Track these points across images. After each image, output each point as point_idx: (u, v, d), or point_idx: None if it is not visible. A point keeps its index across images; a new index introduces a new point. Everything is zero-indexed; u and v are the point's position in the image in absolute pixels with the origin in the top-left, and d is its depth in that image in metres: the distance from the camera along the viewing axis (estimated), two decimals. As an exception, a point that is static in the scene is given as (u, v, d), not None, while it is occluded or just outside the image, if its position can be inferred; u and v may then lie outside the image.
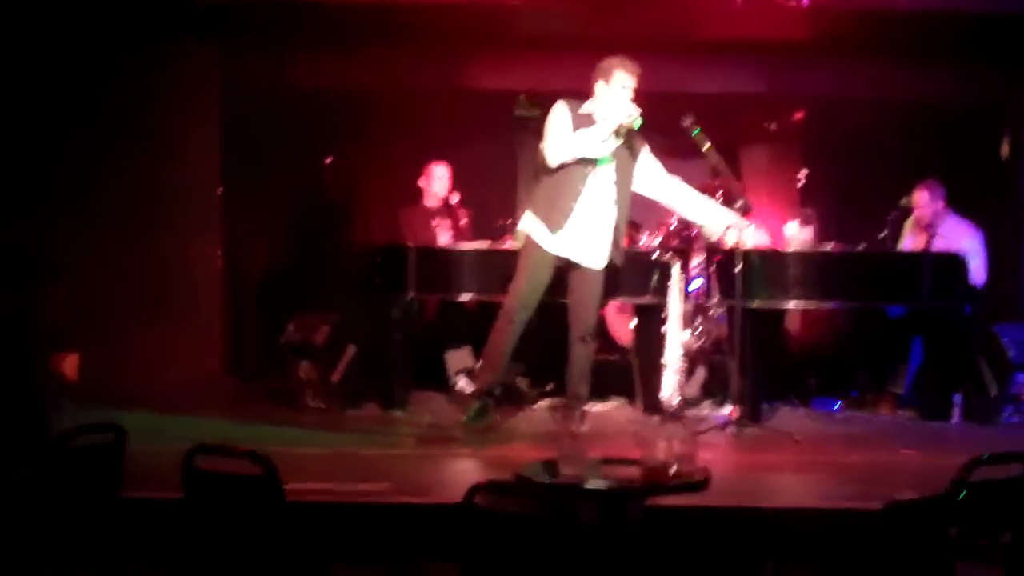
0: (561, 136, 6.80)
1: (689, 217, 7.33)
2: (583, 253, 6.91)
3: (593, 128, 6.76)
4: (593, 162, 6.86)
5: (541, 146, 6.94)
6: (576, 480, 4.12)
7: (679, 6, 8.25)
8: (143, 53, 9.22)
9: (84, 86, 9.19)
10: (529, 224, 6.96)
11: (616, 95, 6.79)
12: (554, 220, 6.82)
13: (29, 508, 4.02)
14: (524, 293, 6.91)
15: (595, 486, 4.10)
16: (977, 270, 7.96)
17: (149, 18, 8.77)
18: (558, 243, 6.86)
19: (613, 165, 6.92)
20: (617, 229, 7.00)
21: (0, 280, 8.32)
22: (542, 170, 6.94)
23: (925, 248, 8.17)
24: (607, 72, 6.84)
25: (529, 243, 6.93)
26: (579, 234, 6.86)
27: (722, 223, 7.12)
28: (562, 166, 6.78)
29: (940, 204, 8.18)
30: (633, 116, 6.66)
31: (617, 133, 6.79)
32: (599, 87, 6.88)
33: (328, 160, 9.95)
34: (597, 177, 6.88)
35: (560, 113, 6.88)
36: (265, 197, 9.96)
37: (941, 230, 8.18)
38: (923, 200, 8.16)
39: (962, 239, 8.09)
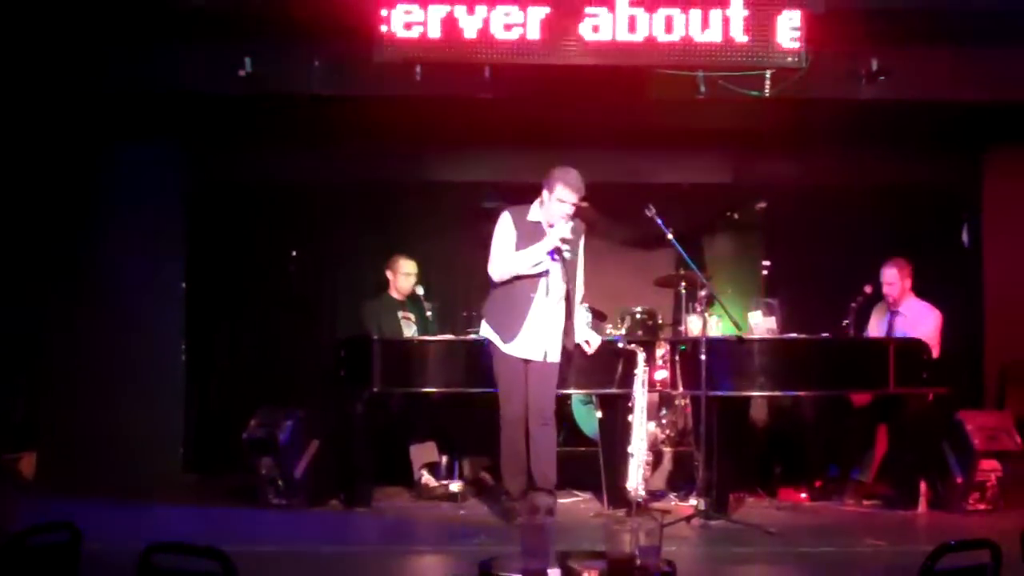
0: (502, 253, 7.11)
1: None
2: (539, 351, 7.13)
3: (529, 251, 7.05)
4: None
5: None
6: (541, 574, 4.06)
7: (642, 98, 8.33)
8: (109, 147, 9.25)
9: (46, 181, 9.20)
10: (487, 332, 7.25)
11: (555, 208, 7.03)
12: (507, 331, 7.12)
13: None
14: (507, 396, 7.14)
15: (559, 580, 4.03)
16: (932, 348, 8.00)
17: (115, 112, 8.79)
18: (514, 348, 7.11)
19: (560, 264, 7.14)
20: (569, 319, 7.21)
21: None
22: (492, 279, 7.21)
23: (888, 328, 8.20)
24: (551, 183, 7.07)
25: (493, 349, 7.18)
26: (533, 336, 7.10)
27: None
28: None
29: (908, 282, 8.23)
30: (556, 240, 6.95)
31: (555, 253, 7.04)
32: (544, 194, 7.12)
33: (294, 253, 9.92)
34: (550, 281, 7.12)
35: (504, 226, 7.18)
36: (230, 291, 9.92)
37: (903, 308, 8.23)
38: (891, 276, 8.21)
39: (923, 317, 8.15)
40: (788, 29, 7.70)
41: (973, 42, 8.19)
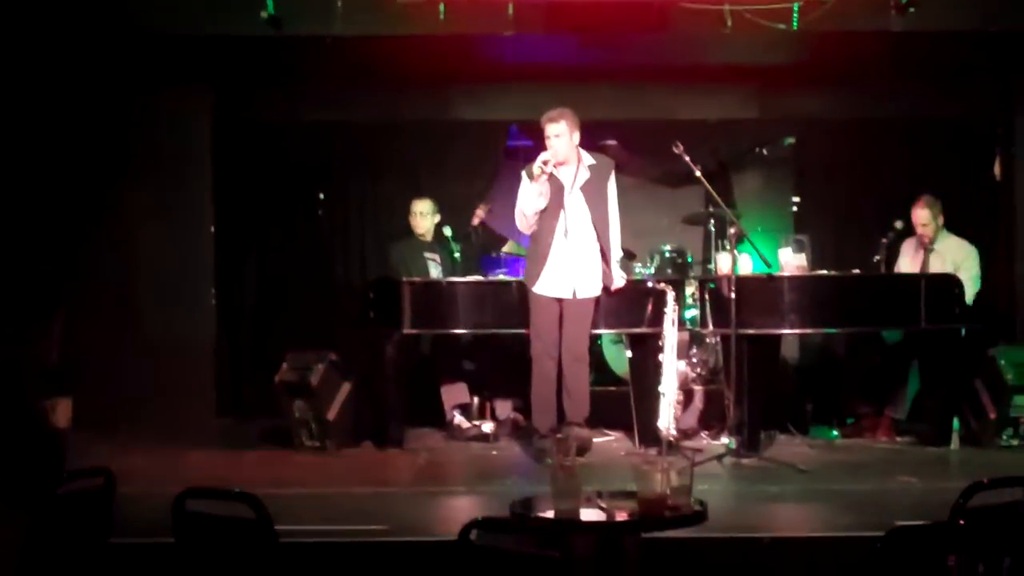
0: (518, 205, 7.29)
1: None
2: (566, 289, 7.21)
3: (523, 188, 7.16)
4: (559, 207, 7.15)
5: None
6: (572, 514, 4.07)
7: (668, 32, 8.23)
8: (136, 92, 9.23)
9: (77, 126, 9.20)
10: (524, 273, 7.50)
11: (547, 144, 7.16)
12: (532, 273, 7.28)
13: (21, 557, 3.95)
14: (536, 334, 7.28)
15: (591, 520, 4.04)
16: (969, 284, 7.93)
17: (141, 56, 8.76)
18: (540, 288, 7.22)
19: (582, 202, 7.22)
20: (603, 255, 7.27)
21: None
22: None
23: (922, 266, 8.14)
24: None
25: (527, 289, 7.31)
26: (557, 275, 7.19)
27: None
28: (534, 225, 7.22)
29: (940, 219, 8.16)
30: (537, 166, 7.01)
31: (544, 180, 7.10)
32: None
33: (321, 196, 9.91)
34: (569, 220, 7.18)
35: (523, 183, 7.23)
36: (259, 234, 9.92)
37: (937, 245, 8.16)
38: (925, 217, 8.12)
39: (958, 254, 8.09)
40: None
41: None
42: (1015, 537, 3.76)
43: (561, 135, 7.10)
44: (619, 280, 7.37)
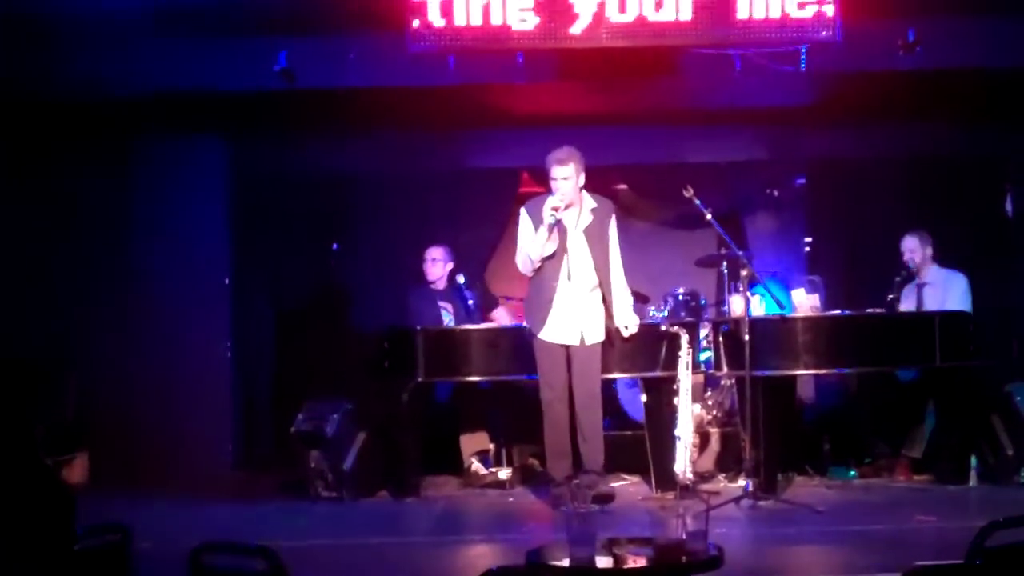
0: (520, 245, 7.27)
1: None
2: (574, 335, 7.19)
3: (531, 233, 7.17)
4: (562, 250, 7.16)
5: None
6: (588, 562, 4.06)
7: (677, 76, 8.28)
8: (151, 145, 9.31)
9: (93, 179, 9.27)
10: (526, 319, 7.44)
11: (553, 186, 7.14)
12: (535, 320, 7.24)
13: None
14: (545, 381, 7.22)
15: (607, 568, 4.03)
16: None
17: (155, 111, 8.83)
18: (547, 334, 7.18)
19: (585, 245, 7.21)
20: (606, 301, 7.23)
21: (8, 380, 8.33)
22: None
23: (918, 300, 8.13)
24: None
25: (531, 337, 7.27)
26: (564, 321, 7.17)
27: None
28: (537, 268, 7.17)
29: (929, 250, 8.16)
30: (549, 214, 7.01)
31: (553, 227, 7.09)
32: None
33: (335, 247, 9.96)
34: (571, 265, 7.17)
35: (523, 221, 7.30)
36: (274, 285, 9.96)
37: (928, 278, 8.16)
38: (912, 244, 8.14)
39: (951, 283, 8.09)
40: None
41: (1011, 7, 8.07)
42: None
43: (569, 178, 7.11)
44: (633, 326, 7.34)
